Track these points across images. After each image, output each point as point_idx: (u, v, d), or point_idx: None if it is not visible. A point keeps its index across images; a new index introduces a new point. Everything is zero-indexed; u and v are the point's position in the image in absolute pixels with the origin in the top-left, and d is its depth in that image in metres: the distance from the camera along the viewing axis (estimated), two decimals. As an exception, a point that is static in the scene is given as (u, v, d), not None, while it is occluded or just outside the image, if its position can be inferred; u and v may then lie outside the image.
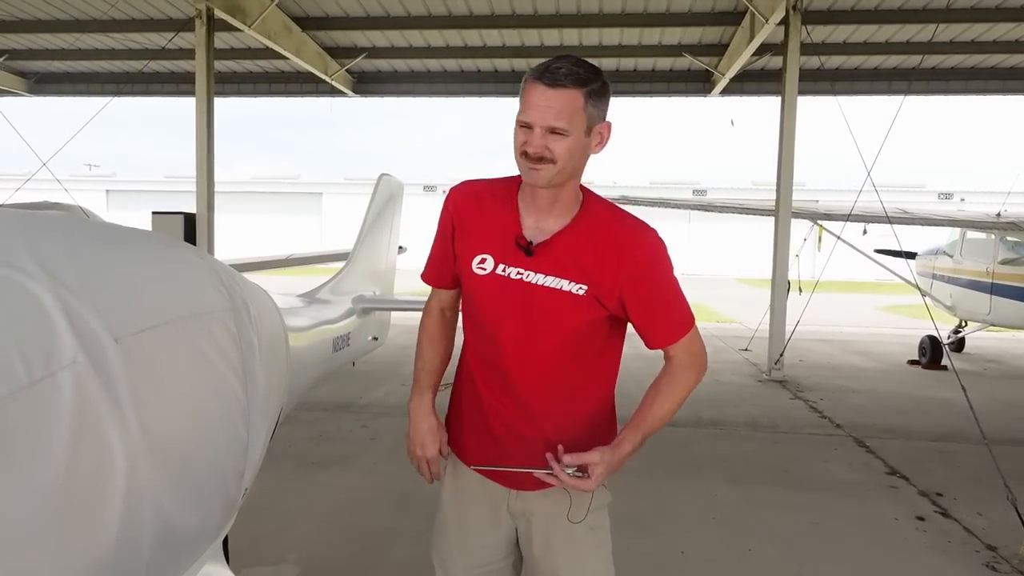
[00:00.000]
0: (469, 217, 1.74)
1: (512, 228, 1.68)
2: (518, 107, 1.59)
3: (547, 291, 1.65)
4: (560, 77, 1.51)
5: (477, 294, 1.73)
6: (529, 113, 1.54)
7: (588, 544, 1.79)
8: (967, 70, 12.27)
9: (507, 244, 1.68)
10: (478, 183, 1.81)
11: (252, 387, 1.80)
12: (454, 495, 1.88)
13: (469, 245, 1.73)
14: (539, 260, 1.65)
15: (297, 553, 3.55)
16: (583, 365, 1.74)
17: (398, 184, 5.52)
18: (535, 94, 1.53)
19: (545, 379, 1.72)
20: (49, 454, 1.11)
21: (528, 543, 1.80)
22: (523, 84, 1.58)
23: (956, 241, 10.87)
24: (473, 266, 1.71)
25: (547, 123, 1.52)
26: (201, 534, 1.63)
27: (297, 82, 13.67)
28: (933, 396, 7.87)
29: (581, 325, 1.67)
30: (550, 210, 1.66)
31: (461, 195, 1.78)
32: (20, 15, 10.84)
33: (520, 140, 1.57)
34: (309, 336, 3.20)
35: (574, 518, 1.73)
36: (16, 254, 1.25)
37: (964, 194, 35.70)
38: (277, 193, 39.70)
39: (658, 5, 9.91)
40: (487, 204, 1.74)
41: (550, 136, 1.53)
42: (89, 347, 1.23)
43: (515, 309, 1.67)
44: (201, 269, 1.78)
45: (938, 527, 4.14)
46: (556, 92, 1.51)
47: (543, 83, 1.52)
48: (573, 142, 1.55)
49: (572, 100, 1.52)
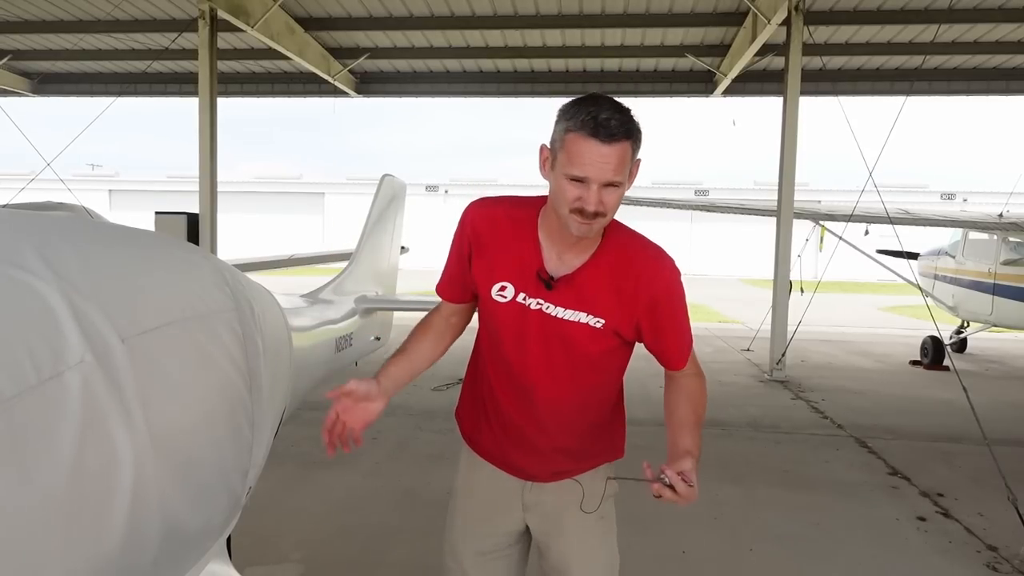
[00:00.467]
0: (487, 241, 1.73)
1: (533, 260, 1.68)
2: (558, 155, 1.53)
3: (566, 324, 1.68)
4: (614, 131, 1.48)
5: (497, 319, 1.75)
6: (586, 169, 1.49)
7: (598, 532, 1.86)
8: (970, 71, 12.26)
9: (527, 275, 1.68)
10: (496, 205, 1.76)
11: (256, 387, 1.82)
12: (468, 485, 1.93)
13: (488, 271, 1.72)
14: (559, 294, 1.67)
15: (300, 552, 3.56)
16: (598, 382, 1.81)
17: (401, 185, 5.53)
18: (590, 150, 1.48)
19: (562, 398, 1.77)
20: (57, 453, 1.13)
21: (541, 532, 1.86)
22: (564, 133, 1.51)
23: (958, 242, 10.87)
24: (493, 293, 1.72)
25: (606, 179, 1.50)
26: (206, 533, 1.64)
27: (300, 82, 13.70)
28: (935, 397, 7.87)
29: (598, 353, 1.73)
30: (574, 246, 1.66)
31: (479, 217, 1.75)
32: (24, 15, 10.87)
33: (572, 195, 1.52)
34: (312, 336, 3.21)
35: (588, 508, 1.81)
36: (24, 254, 1.27)
37: (966, 195, 35.66)
38: (279, 193, 39.75)
39: (660, 6, 9.92)
40: (505, 230, 1.71)
41: (606, 190, 1.51)
42: (96, 347, 1.24)
43: (534, 337, 1.71)
44: (206, 269, 1.79)
45: (939, 528, 4.14)
46: (611, 148, 1.48)
47: (599, 140, 1.47)
48: (621, 192, 1.55)
49: (624, 152, 1.50)
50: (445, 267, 1.87)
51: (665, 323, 1.72)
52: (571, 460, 1.83)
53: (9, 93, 13.99)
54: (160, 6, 10.28)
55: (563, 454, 1.81)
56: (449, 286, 1.86)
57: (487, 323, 1.80)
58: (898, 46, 11.12)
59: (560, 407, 1.77)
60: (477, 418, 1.89)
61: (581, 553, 1.84)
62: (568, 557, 1.84)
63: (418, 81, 13.59)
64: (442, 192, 37.45)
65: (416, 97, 14.32)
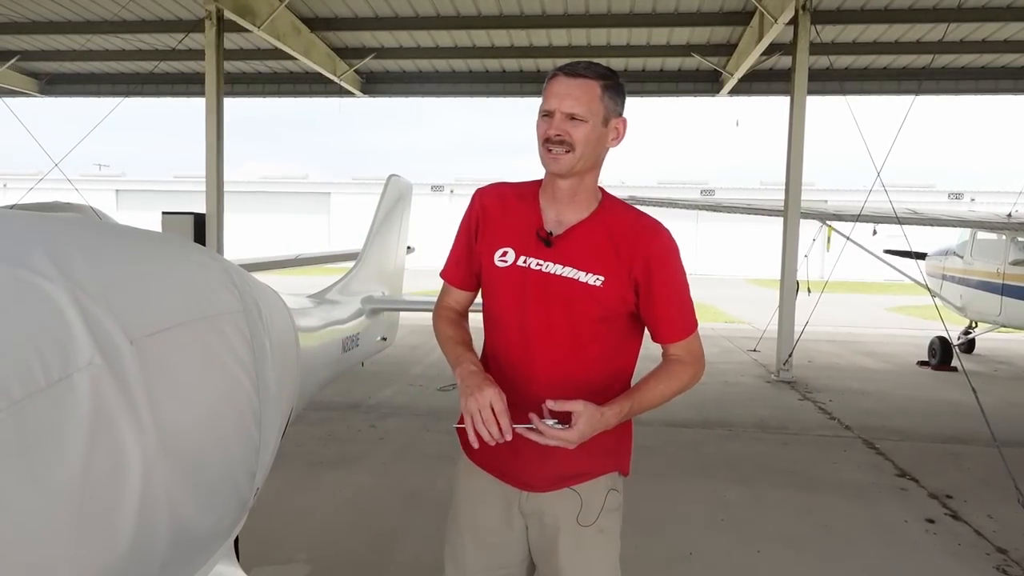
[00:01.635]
0: (494, 214, 1.80)
1: (533, 222, 1.75)
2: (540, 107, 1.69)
3: (565, 281, 1.68)
4: (579, 69, 1.65)
5: (499, 285, 1.77)
6: (550, 101, 1.64)
7: (596, 547, 1.77)
8: (978, 70, 12.20)
9: (528, 237, 1.73)
10: (505, 185, 1.87)
11: (263, 388, 1.81)
12: (467, 496, 1.88)
13: (492, 240, 1.77)
14: (558, 251, 1.70)
15: (306, 552, 3.57)
16: (601, 361, 1.75)
17: (407, 185, 5.54)
18: (556, 84, 1.65)
19: (563, 373, 1.72)
20: (65, 455, 1.13)
21: (537, 543, 1.80)
22: (545, 83, 1.68)
23: (967, 242, 10.81)
24: (495, 259, 1.75)
25: (567, 109, 1.62)
26: (214, 534, 1.64)
27: (306, 82, 13.71)
28: (943, 398, 7.83)
29: (597, 316, 1.70)
30: (570, 203, 1.72)
31: (488, 194, 1.84)
32: (32, 16, 10.92)
33: (542, 129, 1.66)
34: (319, 337, 3.22)
35: (585, 521, 1.74)
36: (34, 256, 1.27)
37: (974, 194, 35.48)
38: (286, 193, 39.84)
39: (667, 5, 9.90)
40: (511, 203, 1.80)
41: (569, 122, 1.62)
42: (105, 349, 1.24)
43: (535, 299, 1.71)
44: (213, 270, 1.79)
45: (948, 530, 4.12)
46: (575, 81, 1.63)
47: (563, 74, 1.65)
48: (590, 130, 1.64)
49: (590, 89, 1.63)
50: (451, 251, 1.90)
51: (658, 289, 1.70)
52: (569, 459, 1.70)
53: (17, 94, 14.06)
54: (167, 7, 10.31)
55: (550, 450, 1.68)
56: (455, 267, 1.88)
57: (489, 300, 1.81)
58: (906, 45, 11.06)
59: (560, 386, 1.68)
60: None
61: (575, 567, 1.75)
62: (562, 572, 1.76)
63: (424, 81, 13.59)
64: (448, 192, 37.47)
65: (422, 97, 14.32)
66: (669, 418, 6.44)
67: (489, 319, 1.83)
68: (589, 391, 1.71)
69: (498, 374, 1.76)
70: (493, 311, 1.81)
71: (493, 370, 1.78)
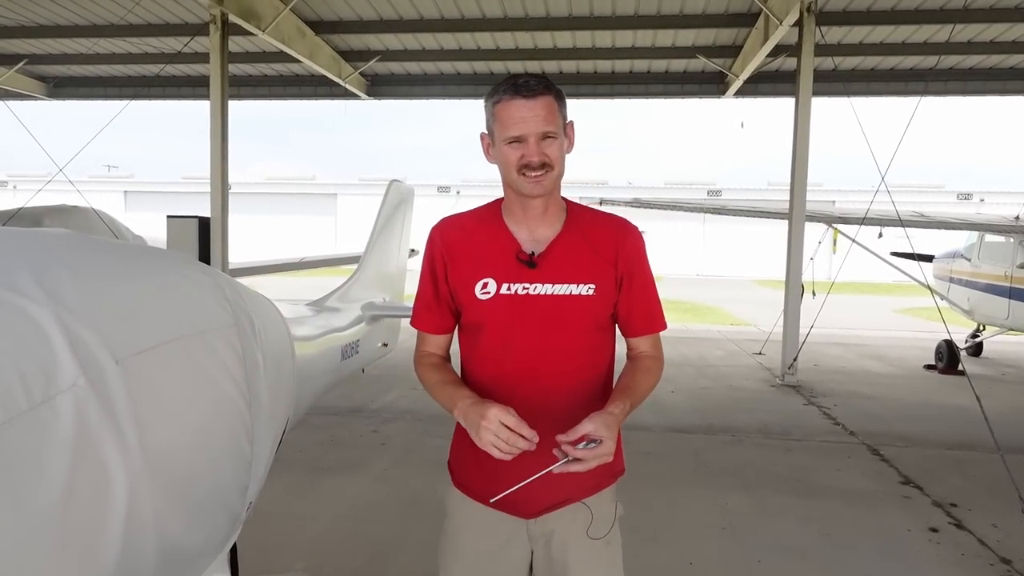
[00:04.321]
0: (458, 247, 1.73)
1: (509, 245, 1.69)
2: (493, 129, 1.64)
3: (557, 299, 1.66)
4: (534, 87, 1.60)
5: (485, 319, 1.70)
6: (519, 127, 1.59)
7: (605, 559, 1.76)
8: (985, 71, 12.11)
9: (507, 262, 1.68)
10: (458, 216, 1.80)
11: (256, 403, 1.81)
12: (464, 521, 1.79)
13: (466, 274, 1.70)
14: (543, 270, 1.67)
15: (305, 561, 3.56)
16: (597, 369, 1.75)
17: (408, 190, 5.54)
18: (517, 108, 1.59)
19: (563, 395, 1.69)
20: (48, 479, 1.12)
21: (545, 563, 1.74)
22: (492, 106, 1.63)
23: (974, 244, 10.74)
24: (476, 292, 1.69)
25: (540, 130, 1.59)
26: (204, 551, 1.64)
27: (311, 85, 13.75)
28: (949, 403, 7.77)
29: (593, 325, 1.70)
30: (542, 219, 1.70)
31: (446, 229, 1.77)
32: (39, 20, 10.98)
33: (515, 156, 1.61)
34: (317, 345, 3.21)
35: (596, 534, 1.71)
36: (18, 276, 1.26)
37: (983, 195, 35.27)
38: (292, 194, 39.95)
39: (671, 7, 9.87)
40: (474, 231, 1.74)
41: (544, 142, 1.61)
42: (89, 370, 1.23)
43: (525, 325, 1.67)
44: (205, 285, 1.78)
45: (952, 539, 4.08)
46: (537, 101, 1.59)
47: (522, 96, 1.59)
48: (560, 144, 1.64)
49: (550, 105, 1.61)
50: (417, 297, 1.81)
51: (637, 283, 1.73)
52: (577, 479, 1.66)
53: (26, 97, 14.15)
54: (173, 11, 10.35)
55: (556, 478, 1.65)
56: (426, 313, 1.79)
57: (473, 336, 1.74)
58: (912, 46, 11.00)
59: (556, 403, 1.66)
60: (465, 458, 1.77)
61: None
62: None
63: (429, 83, 13.60)
64: (454, 193, 37.49)
65: (426, 99, 14.33)
66: (672, 424, 6.42)
67: (474, 354, 1.75)
68: (591, 403, 1.69)
69: None
70: (479, 346, 1.72)
71: None
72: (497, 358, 1.70)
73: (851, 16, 9.80)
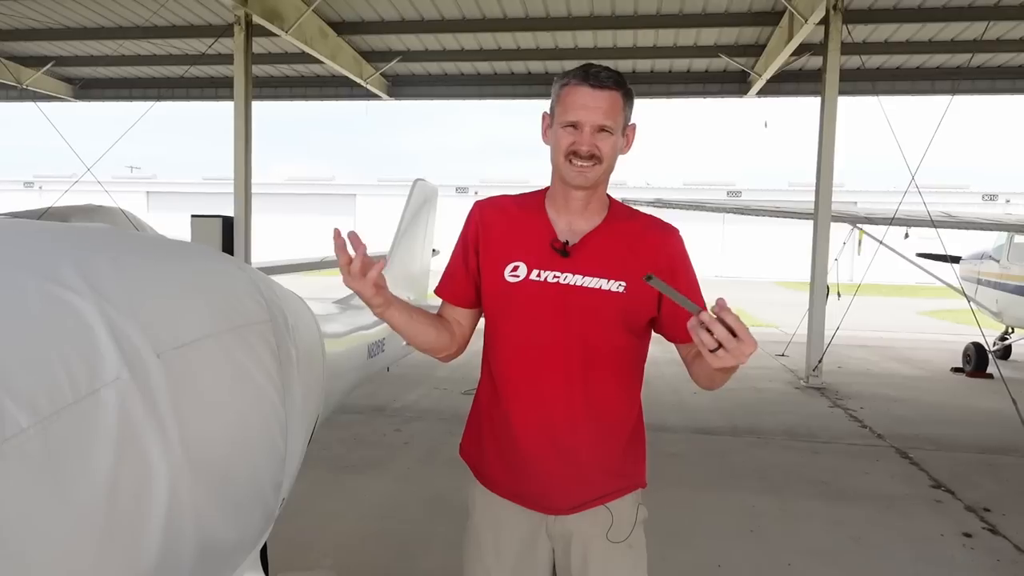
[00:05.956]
0: (496, 228, 1.73)
1: (545, 232, 1.68)
2: (555, 111, 1.64)
3: (586, 291, 1.63)
4: (604, 79, 1.58)
5: (512, 302, 1.68)
6: (579, 113, 1.58)
7: (626, 564, 1.73)
8: (1015, 68, 11.90)
9: (541, 249, 1.67)
10: (503, 198, 1.80)
11: (290, 398, 1.80)
12: (487, 521, 1.78)
13: (498, 255, 1.70)
14: (575, 261, 1.65)
15: (331, 559, 3.56)
16: (622, 370, 1.71)
17: (432, 189, 5.53)
18: (582, 95, 1.58)
19: (584, 388, 1.66)
20: (92, 471, 1.12)
21: (565, 565, 1.74)
22: (559, 88, 1.63)
23: (1003, 245, 10.54)
24: (506, 274, 1.67)
25: (597, 122, 1.58)
26: (239, 546, 1.63)
27: (333, 85, 13.83)
28: (979, 405, 7.63)
29: (621, 323, 1.66)
30: (583, 212, 1.68)
31: (487, 208, 1.77)
32: (66, 23, 11.14)
33: (567, 141, 1.60)
34: (344, 343, 3.21)
35: (616, 537, 1.70)
36: (62, 269, 1.27)
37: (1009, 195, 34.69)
38: (311, 195, 40.22)
39: (694, 6, 9.80)
40: (515, 215, 1.73)
41: (598, 135, 1.59)
42: (132, 363, 1.23)
43: (552, 313, 1.65)
44: (240, 280, 1.79)
45: (986, 545, 3.99)
46: (603, 93, 1.58)
47: (589, 85, 1.58)
48: (615, 141, 1.62)
49: (615, 100, 1.59)
50: (447, 268, 1.82)
51: (683, 287, 1.62)
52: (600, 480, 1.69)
53: (52, 98, 14.36)
54: (197, 12, 10.45)
55: (577, 472, 1.67)
56: (450, 281, 1.79)
57: (499, 319, 1.72)
58: (940, 44, 10.83)
59: (580, 399, 1.64)
60: (484, 448, 1.77)
61: None
62: None
63: (449, 83, 13.62)
64: (472, 193, 37.55)
65: (447, 99, 14.36)
66: (697, 425, 6.36)
67: (498, 339, 1.72)
68: (612, 404, 1.69)
69: (511, 400, 1.69)
70: (505, 329, 1.71)
71: (503, 396, 1.70)
72: (520, 343, 1.68)
73: (878, 14, 9.67)
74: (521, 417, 1.69)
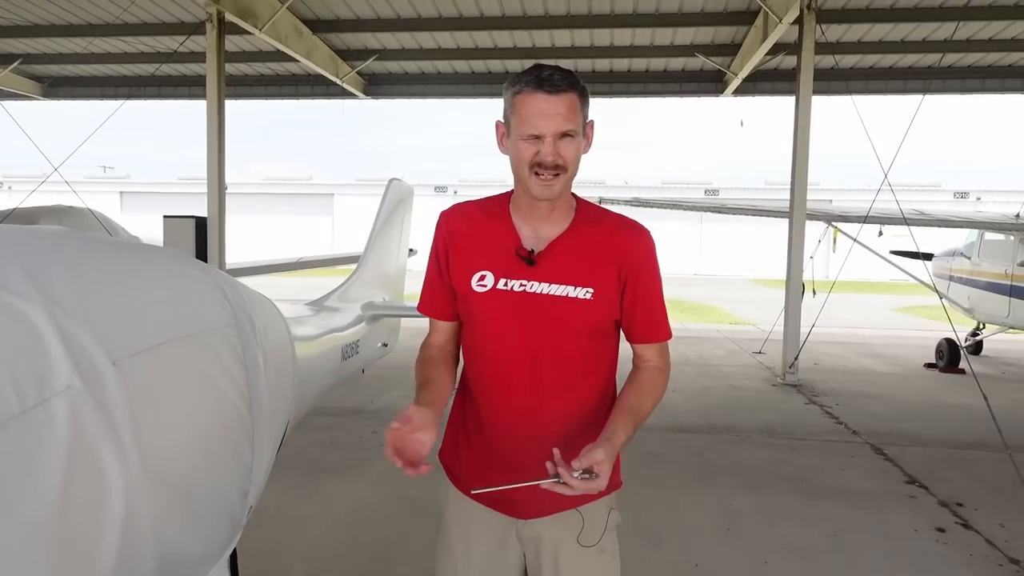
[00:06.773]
0: (462, 236, 1.70)
1: (510, 240, 1.65)
2: (510, 121, 1.56)
3: (553, 299, 1.61)
4: (558, 83, 1.51)
5: (479, 313, 1.67)
6: (538, 124, 1.51)
7: (598, 569, 1.72)
8: (984, 68, 12.10)
9: (506, 257, 1.64)
10: (467, 204, 1.76)
11: (256, 405, 1.76)
12: (459, 521, 1.78)
13: (465, 264, 1.67)
14: (541, 269, 1.62)
15: (306, 564, 3.51)
16: (592, 377, 1.70)
17: (408, 189, 5.48)
18: (538, 103, 1.51)
19: (556, 399, 1.66)
20: (43, 485, 1.07)
21: (537, 569, 1.73)
22: (512, 96, 1.55)
23: (974, 243, 10.72)
24: (473, 284, 1.65)
25: (558, 129, 1.51)
26: (204, 557, 1.59)
27: (308, 84, 13.69)
28: (952, 401, 7.74)
29: (588, 331, 1.64)
30: (548, 217, 1.64)
31: (451, 216, 1.74)
32: (34, 20, 10.91)
33: (530, 153, 1.54)
34: (317, 345, 3.16)
35: (587, 541, 1.68)
36: (11, 275, 1.22)
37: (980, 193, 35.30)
38: (289, 194, 39.86)
39: (670, 5, 9.83)
40: (479, 221, 1.70)
41: (561, 141, 1.53)
42: (85, 371, 1.19)
43: (520, 323, 1.63)
44: (204, 284, 1.74)
45: (959, 539, 4.04)
46: (559, 97, 1.51)
47: (544, 91, 1.51)
48: (578, 144, 1.57)
49: (572, 102, 1.53)
50: (424, 283, 1.79)
51: (644, 288, 1.66)
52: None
53: (21, 97, 14.07)
54: (168, 9, 10.28)
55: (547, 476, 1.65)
56: (430, 298, 1.77)
57: (469, 328, 1.72)
58: (912, 44, 10.98)
59: (551, 405, 1.64)
60: (458, 450, 1.77)
61: None
62: None
63: (426, 82, 13.55)
64: (451, 193, 37.42)
65: (425, 98, 14.29)
66: (674, 423, 6.38)
67: (471, 347, 1.72)
68: (585, 412, 1.67)
69: (483, 407, 1.69)
70: (474, 340, 1.70)
71: (477, 403, 1.71)
72: (490, 354, 1.68)
73: (851, 14, 9.78)
74: (491, 423, 1.69)
